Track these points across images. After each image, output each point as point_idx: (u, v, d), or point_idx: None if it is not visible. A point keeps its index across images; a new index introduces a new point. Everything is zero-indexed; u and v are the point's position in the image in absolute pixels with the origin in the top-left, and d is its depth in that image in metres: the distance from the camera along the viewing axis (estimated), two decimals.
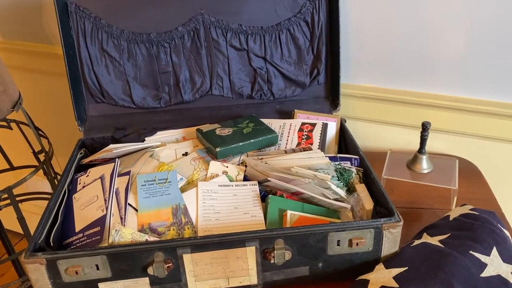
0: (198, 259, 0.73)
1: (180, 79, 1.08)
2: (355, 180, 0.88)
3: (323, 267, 0.77)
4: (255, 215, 0.81)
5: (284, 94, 1.11)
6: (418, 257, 0.74)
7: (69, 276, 0.72)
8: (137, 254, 0.72)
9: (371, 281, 0.71)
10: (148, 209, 0.81)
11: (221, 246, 0.73)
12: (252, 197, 0.84)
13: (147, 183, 0.85)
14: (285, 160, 0.88)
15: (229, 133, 0.97)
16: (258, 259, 0.75)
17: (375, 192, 0.83)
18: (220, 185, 0.86)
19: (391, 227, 0.74)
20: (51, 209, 0.82)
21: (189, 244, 0.72)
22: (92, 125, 1.08)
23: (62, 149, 1.50)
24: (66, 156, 1.52)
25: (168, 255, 0.73)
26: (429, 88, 1.11)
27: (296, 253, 0.75)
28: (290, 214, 0.79)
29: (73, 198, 0.88)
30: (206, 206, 0.83)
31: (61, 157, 1.52)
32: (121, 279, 0.74)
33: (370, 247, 0.76)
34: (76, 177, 0.93)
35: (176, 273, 0.74)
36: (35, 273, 0.71)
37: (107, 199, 0.83)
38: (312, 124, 1.01)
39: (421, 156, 0.99)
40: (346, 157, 0.91)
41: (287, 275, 0.78)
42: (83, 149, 1.02)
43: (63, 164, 1.52)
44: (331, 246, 0.75)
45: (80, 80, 1.07)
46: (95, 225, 0.80)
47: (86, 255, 0.71)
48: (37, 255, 0.70)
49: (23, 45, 1.43)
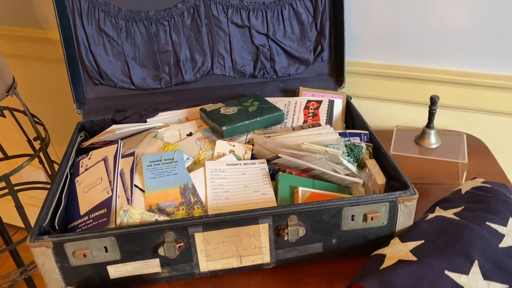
0: (210, 238, 0.71)
1: (181, 59, 1.05)
2: (365, 155, 0.86)
3: (337, 243, 0.76)
4: (266, 193, 0.79)
5: (287, 72, 1.08)
6: (434, 230, 0.72)
7: (76, 260, 0.70)
8: (147, 234, 0.69)
9: (388, 255, 0.70)
10: (156, 189, 0.79)
11: (234, 224, 0.71)
12: (261, 175, 0.82)
13: (152, 163, 0.83)
14: (293, 137, 0.86)
15: (234, 111, 0.94)
16: (271, 236, 0.73)
17: (386, 166, 0.82)
18: (228, 164, 0.84)
19: (406, 200, 0.73)
20: (54, 193, 0.79)
21: (200, 223, 0.70)
22: (91, 108, 1.04)
23: (58, 138, 1.46)
24: (62, 145, 1.48)
25: (179, 234, 0.70)
26: (434, 63, 1.09)
27: (310, 229, 0.73)
28: (301, 191, 0.77)
29: (76, 181, 0.85)
30: (215, 185, 0.80)
31: (57, 146, 1.48)
32: (130, 261, 0.71)
33: (385, 222, 0.74)
34: (77, 160, 0.90)
35: (187, 253, 0.72)
36: (42, 257, 0.69)
37: (111, 181, 0.80)
38: (318, 102, 0.99)
39: (429, 131, 0.98)
40: (356, 133, 0.89)
41: (300, 253, 0.76)
42: (83, 132, 0.99)
43: (60, 153, 1.49)
44: (345, 221, 0.73)
45: (77, 62, 1.03)
46: (100, 207, 0.77)
47: (94, 237, 0.68)
48: (43, 239, 0.68)
49: (13, 31, 1.39)
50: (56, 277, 0.71)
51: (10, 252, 1.45)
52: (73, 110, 1.38)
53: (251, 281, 0.77)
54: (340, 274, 0.77)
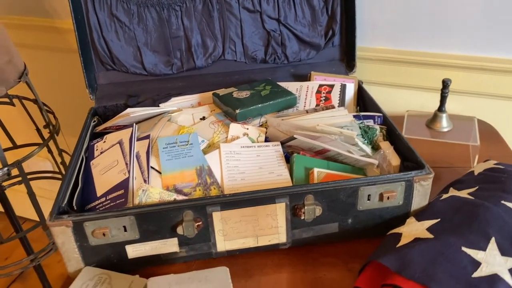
0: (228, 217, 0.72)
1: (192, 44, 1.05)
2: (379, 138, 0.86)
3: (352, 223, 0.76)
4: (281, 174, 0.80)
5: (298, 57, 1.09)
6: (449, 209, 0.73)
7: (96, 239, 0.70)
8: (166, 213, 0.70)
9: (404, 233, 0.70)
10: (172, 170, 0.80)
11: (251, 203, 0.72)
12: (276, 157, 0.83)
13: (168, 145, 0.83)
14: (307, 119, 0.86)
15: (247, 95, 0.95)
16: (288, 216, 0.74)
17: (401, 148, 0.82)
18: (242, 146, 0.84)
19: (422, 180, 0.73)
20: (71, 174, 0.79)
21: (218, 202, 0.71)
22: (103, 94, 1.05)
23: (67, 129, 1.46)
24: (71, 135, 1.49)
25: (197, 213, 0.71)
26: (445, 48, 1.09)
27: (326, 209, 0.74)
28: (317, 172, 0.78)
29: (91, 164, 0.86)
30: (230, 167, 0.81)
31: (66, 137, 1.48)
32: (149, 240, 0.72)
33: (401, 201, 0.75)
34: (92, 144, 0.90)
35: (205, 233, 0.73)
36: (61, 237, 0.70)
37: (128, 163, 0.81)
38: (330, 86, 0.99)
39: (441, 115, 0.98)
40: (369, 115, 0.89)
41: (316, 232, 0.77)
42: (96, 117, 1.00)
43: (70, 143, 1.49)
44: (362, 201, 0.74)
45: (89, 47, 1.03)
46: (118, 188, 0.78)
47: (114, 216, 0.69)
48: (63, 218, 0.69)
49: (21, 20, 1.39)
50: (75, 256, 0.72)
51: (20, 240, 1.45)
52: (81, 100, 1.38)
53: (267, 261, 0.78)
54: (356, 254, 0.77)
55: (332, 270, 0.76)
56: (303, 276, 0.75)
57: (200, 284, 0.62)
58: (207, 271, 0.65)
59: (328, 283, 0.73)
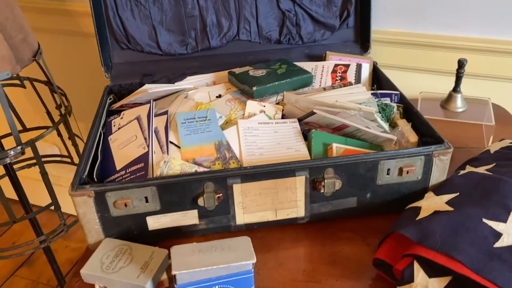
0: (248, 189, 0.72)
1: (207, 23, 1.05)
2: (396, 115, 0.87)
3: (371, 198, 0.77)
4: (299, 149, 0.80)
5: (313, 38, 1.09)
6: (468, 183, 0.73)
7: (117, 210, 0.71)
8: (188, 185, 0.70)
9: (423, 207, 0.71)
10: (191, 145, 0.80)
11: (271, 176, 0.72)
12: (293, 134, 0.83)
13: (187, 121, 0.83)
14: (325, 97, 0.86)
15: (263, 74, 0.95)
16: (307, 189, 0.74)
17: (419, 125, 0.83)
18: (260, 122, 0.85)
19: (441, 154, 0.74)
20: (90, 148, 0.80)
21: (239, 174, 0.71)
22: (118, 73, 1.05)
23: (78, 114, 1.46)
24: (82, 121, 1.49)
25: (218, 185, 0.72)
26: (459, 30, 1.09)
27: (345, 183, 0.74)
28: (335, 147, 0.78)
29: (109, 139, 0.86)
30: (248, 142, 0.81)
31: (78, 123, 1.47)
32: (169, 212, 0.73)
33: (419, 176, 0.75)
34: (109, 120, 0.91)
35: (225, 205, 0.73)
36: (83, 207, 0.70)
37: (147, 137, 0.81)
38: (345, 65, 0.99)
39: (456, 95, 0.98)
40: (386, 93, 0.89)
41: (335, 207, 0.77)
42: (111, 94, 1.00)
43: (82, 129, 1.49)
44: (381, 175, 0.74)
45: (105, 25, 1.03)
46: (138, 161, 0.78)
47: (136, 186, 0.69)
48: (85, 188, 0.69)
49: (33, 2, 1.39)
50: (96, 227, 0.72)
51: (31, 222, 1.46)
52: (92, 85, 1.38)
53: (285, 235, 0.79)
54: (373, 229, 0.78)
55: (350, 244, 0.76)
56: (321, 250, 0.76)
57: (222, 252, 0.63)
58: (229, 240, 0.65)
59: (347, 257, 0.74)
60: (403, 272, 0.63)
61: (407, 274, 0.62)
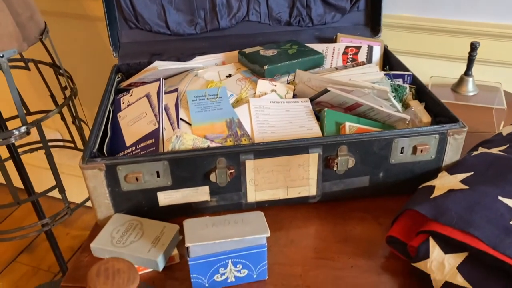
0: (260, 166, 0.72)
1: (217, 3, 1.03)
2: (409, 96, 0.86)
3: (383, 177, 0.76)
4: (312, 128, 0.79)
5: (323, 20, 1.07)
6: (481, 163, 0.73)
7: (128, 184, 0.70)
8: (200, 160, 0.70)
9: (437, 186, 0.70)
10: (202, 122, 0.79)
11: (284, 152, 0.71)
12: (305, 113, 0.82)
13: (197, 98, 0.82)
14: (337, 76, 0.85)
15: (274, 53, 0.94)
16: (320, 167, 0.73)
17: (432, 105, 0.82)
18: (271, 101, 0.84)
19: (456, 133, 0.73)
20: (100, 123, 0.79)
21: (252, 150, 0.70)
22: (126, 52, 1.04)
23: (82, 100, 1.44)
24: (86, 106, 1.46)
25: (230, 161, 0.71)
26: (471, 15, 1.08)
27: (359, 161, 0.73)
28: (348, 126, 0.77)
29: (118, 116, 0.85)
30: (260, 120, 0.80)
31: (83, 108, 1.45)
32: (181, 187, 0.72)
33: (433, 155, 0.75)
34: (118, 97, 0.90)
35: (236, 182, 0.73)
36: (93, 181, 0.69)
37: (157, 114, 0.80)
38: (357, 47, 0.98)
39: (467, 78, 0.98)
40: (399, 74, 0.88)
41: (347, 186, 0.76)
42: (119, 73, 0.99)
43: (87, 113, 1.48)
44: (394, 154, 0.74)
45: (113, 4, 1.02)
46: (148, 137, 0.77)
47: (148, 160, 0.69)
48: (96, 161, 0.68)
49: None
50: (106, 202, 0.71)
51: (33, 205, 1.45)
52: (97, 70, 1.36)
53: (296, 213, 0.78)
54: (385, 209, 0.77)
55: (362, 223, 0.76)
56: (333, 229, 0.75)
57: (236, 226, 0.62)
58: (242, 214, 0.64)
59: (358, 236, 0.73)
60: (418, 248, 0.62)
61: (422, 250, 0.62)
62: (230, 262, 0.62)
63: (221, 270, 0.62)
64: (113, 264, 0.51)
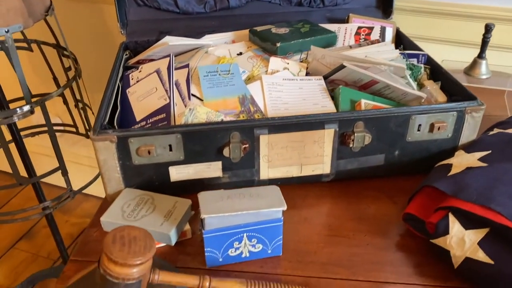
0: (275, 141, 0.70)
1: None
2: (423, 77, 0.85)
3: (399, 156, 0.75)
4: (326, 105, 0.78)
5: (334, 1, 1.06)
6: (499, 142, 0.72)
7: (139, 157, 0.68)
8: (213, 133, 0.68)
9: (454, 164, 0.69)
10: (214, 98, 0.77)
11: (299, 127, 0.70)
12: (319, 90, 0.81)
13: (209, 73, 0.81)
14: (353, 54, 0.84)
15: (286, 31, 0.92)
16: (335, 144, 0.72)
17: (448, 85, 0.81)
18: (284, 79, 0.82)
19: (474, 111, 0.72)
20: (109, 96, 0.77)
21: (267, 125, 0.69)
22: (134, 30, 1.02)
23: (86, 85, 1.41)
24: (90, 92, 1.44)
25: (244, 136, 0.69)
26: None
27: (375, 138, 0.72)
28: (364, 103, 0.76)
29: (127, 92, 0.83)
30: (273, 97, 0.79)
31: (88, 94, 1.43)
32: (193, 162, 0.70)
33: (450, 134, 0.73)
34: (126, 74, 0.88)
35: (250, 158, 0.71)
36: (104, 153, 0.67)
37: (168, 89, 0.78)
38: (369, 28, 0.97)
39: (481, 61, 0.96)
40: (413, 54, 0.87)
41: (361, 164, 0.75)
42: (127, 51, 0.97)
43: (91, 97, 1.45)
44: (411, 131, 0.72)
45: None
46: (159, 112, 0.76)
47: (160, 133, 0.67)
48: (108, 132, 0.66)
49: None
50: (116, 176, 0.70)
51: (34, 188, 1.43)
52: (101, 54, 1.33)
53: (308, 192, 0.77)
54: (400, 188, 0.76)
55: (376, 202, 0.74)
56: (347, 207, 0.74)
57: (252, 199, 0.61)
58: (258, 188, 0.63)
59: (373, 215, 0.72)
60: (437, 224, 0.61)
61: (442, 226, 0.60)
62: (245, 236, 0.61)
63: (236, 244, 0.61)
64: (129, 232, 0.49)
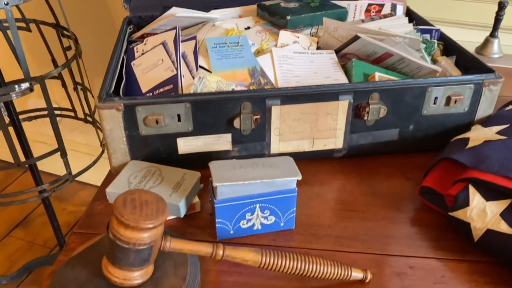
0: (287, 113, 0.68)
1: None
2: (437, 52, 0.82)
3: (413, 130, 0.73)
4: (338, 79, 0.75)
5: None
6: None
7: (147, 128, 0.66)
8: (224, 103, 0.65)
9: (471, 138, 0.67)
10: (223, 69, 0.75)
11: (313, 99, 0.67)
12: (331, 64, 0.78)
13: (217, 45, 0.78)
14: (366, 26, 0.81)
15: (296, 6, 0.89)
16: (349, 117, 0.70)
17: (463, 59, 0.78)
18: (295, 51, 0.80)
19: (492, 84, 0.70)
20: (114, 66, 0.74)
21: (279, 95, 0.66)
22: (138, 5, 0.98)
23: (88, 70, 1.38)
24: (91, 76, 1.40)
25: (256, 107, 0.67)
26: None
27: (390, 111, 0.70)
28: (378, 76, 0.73)
29: (132, 64, 0.80)
30: (284, 70, 0.76)
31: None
32: (202, 134, 0.68)
33: (466, 108, 0.71)
34: (131, 47, 0.85)
35: (260, 130, 0.69)
36: (110, 122, 0.65)
37: (174, 61, 0.76)
38: (380, 5, 0.94)
39: (493, 40, 0.94)
40: (427, 29, 0.85)
41: (374, 139, 0.73)
42: (131, 25, 0.94)
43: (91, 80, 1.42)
44: (427, 105, 0.70)
45: None
46: (166, 83, 0.73)
47: (169, 102, 0.64)
48: (114, 100, 0.64)
49: None
50: (122, 147, 0.67)
51: (31, 171, 1.40)
52: (101, 38, 1.30)
53: (319, 168, 0.74)
54: (413, 165, 0.74)
55: (389, 178, 0.72)
56: (359, 183, 0.72)
57: (265, 169, 0.58)
58: (270, 158, 0.61)
59: (386, 190, 0.70)
60: (457, 197, 0.59)
61: (461, 198, 0.58)
62: (258, 207, 0.58)
63: (248, 215, 0.59)
64: (140, 195, 0.47)
